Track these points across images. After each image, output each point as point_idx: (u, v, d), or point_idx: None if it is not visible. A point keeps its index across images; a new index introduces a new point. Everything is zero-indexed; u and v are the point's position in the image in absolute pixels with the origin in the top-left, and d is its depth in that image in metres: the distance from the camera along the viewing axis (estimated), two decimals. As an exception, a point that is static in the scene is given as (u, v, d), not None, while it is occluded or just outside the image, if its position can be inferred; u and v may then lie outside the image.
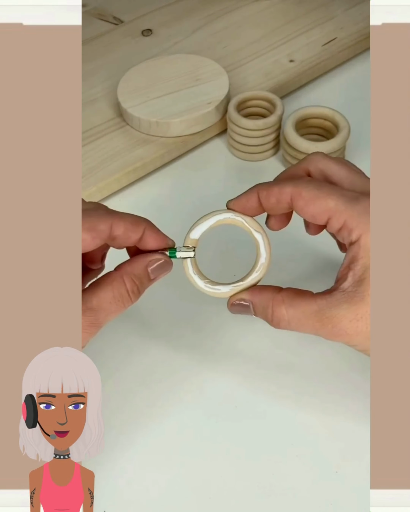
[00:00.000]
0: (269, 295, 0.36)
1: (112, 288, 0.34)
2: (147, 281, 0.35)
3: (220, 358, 0.44)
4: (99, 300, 0.34)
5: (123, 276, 0.34)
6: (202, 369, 0.44)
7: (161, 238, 0.36)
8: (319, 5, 0.69)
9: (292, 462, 0.39)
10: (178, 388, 0.43)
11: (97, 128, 0.58)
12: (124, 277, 0.34)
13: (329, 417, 0.41)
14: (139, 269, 0.35)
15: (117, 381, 0.42)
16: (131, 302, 0.35)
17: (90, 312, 0.33)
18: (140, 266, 0.35)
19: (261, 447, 0.40)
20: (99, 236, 0.33)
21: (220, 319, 0.46)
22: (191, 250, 0.37)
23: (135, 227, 0.34)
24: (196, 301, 0.47)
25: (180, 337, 0.45)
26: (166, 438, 0.41)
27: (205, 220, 0.38)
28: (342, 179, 0.36)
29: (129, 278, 0.34)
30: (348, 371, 0.43)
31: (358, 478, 0.38)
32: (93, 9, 0.72)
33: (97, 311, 0.33)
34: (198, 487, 0.39)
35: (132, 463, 0.40)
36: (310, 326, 0.34)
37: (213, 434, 0.41)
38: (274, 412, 0.41)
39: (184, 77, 0.59)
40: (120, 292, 0.34)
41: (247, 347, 0.44)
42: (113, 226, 0.34)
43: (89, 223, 0.33)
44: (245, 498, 0.38)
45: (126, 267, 0.35)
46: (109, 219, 0.33)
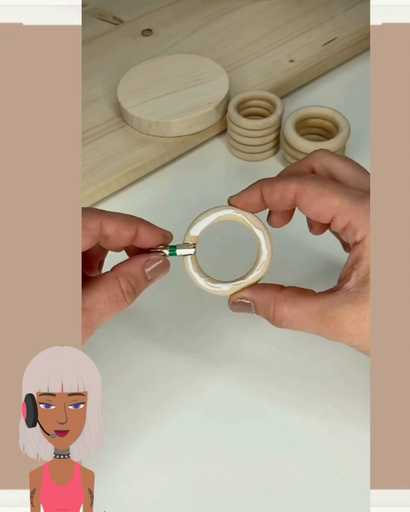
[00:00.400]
0: (271, 293, 0.35)
1: (107, 289, 0.33)
2: (144, 282, 0.34)
3: (220, 359, 0.44)
4: (92, 301, 0.33)
5: (119, 276, 0.33)
6: (203, 370, 0.44)
7: (157, 232, 0.35)
8: (319, 5, 0.69)
9: (292, 462, 0.39)
10: (178, 388, 0.43)
11: (97, 128, 0.58)
12: (120, 278, 0.33)
13: (329, 418, 0.41)
14: (135, 269, 0.34)
15: (118, 382, 0.42)
16: (127, 304, 0.34)
17: (84, 313, 0.32)
18: (137, 266, 0.34)
19: (261, 447, 0.40)
20: (89, 234, 0.32)
21: (221, 321, 0.46)
22: (191, 247, 0.37)
23: (127, 225, 0.34)
24: (197, 303, 0.47)
25: (181, 338, 0.45)
26: (166, 438, 0.41)
27: (205, 217, 0.37)
28: (347, 177, 0.35)
29: (125, 279, 0.33)
30: (348, 372, 0.43)
31: (358, 478, 0.38)
32: (93, 9, 0.72)
33: (90, 312, 0.33)
34: (198, 487, 0.39)
35: (132, 463, 0.40)
36: (312, 326, 0.34)
37: (213, 434, 0.41)
38: (274, 412, 0.41)
39: (184, 77, 0.59)
40: (115, 293, 0.33)
41: (247, 348, 0.44)
42: (104, 224, 0.33)
43: None
44: (245, 498, 0.38)
45: (122, 268, 0.34)
46: (99, 217, 0.33)
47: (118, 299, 0.33)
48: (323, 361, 0.43)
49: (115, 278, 0.33)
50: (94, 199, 0.54)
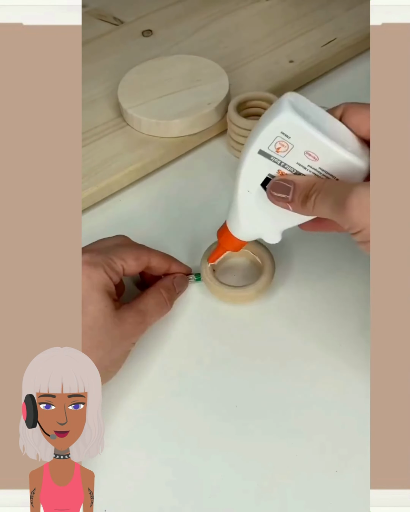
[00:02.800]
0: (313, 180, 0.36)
1: (154, 296, 0.43)
2: (174, 293, 0.45)
3: (221, 358, 0.44)
4: (146, 305, 0.42)
5: (160, 288, 0.44)
6: (204, 370, 0.44)
7: (184, 267, 0.47)
8: (318, 6, 0.69)
9: (292, 462, 0.39)
10: (178, 388, 0.43)
11: (98, 129, 0.58)
12: (161, 289, 0.44)
13: (329, 417, 0.41)
14: (169, 283, 0.45)
15: (115, 380, 0.42)
16: (167, 308, 0.44)
17: (141, 312, 0.41)
18: (169, 281, 0.45)
19: (261, 447, 0.40)
20: (141, 264, 0.43)
21: (221, 322, 0.46)
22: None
23: (165, 261, 0.45)
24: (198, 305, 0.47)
25: (182, 340, 0.45)
26: (166, 438, 0.41)
27: None
28: None
29: (164, 289, 0.44)
30: (348, 371, 0.43)
31: (358, 478, 0.38)
32: (94, 9, 0.72)
33: (145, 312, 0.42)
34: (198, 487, 0.39)
35: (132, 463, 0.40)
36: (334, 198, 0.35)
37: (213, 434, 0.41)
38: (274, 411, 0.41)
39: (184, 78, 0.59)
40: (159, 300, 0.43)
41: (247, 349, 0.45)
42: (151, 258, 0.44)
43: (136, 254, 0.43)
44: (245, 498, 0.38)
45: (160, 283, 0.45)
46: (148, 253, 0.44)
47: (162, 303, 0.44)
48: (323, 360, 0.43)
49: (157, 289, 0.44)
50: (95, 199, 0.54)
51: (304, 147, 0.35)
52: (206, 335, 0.46)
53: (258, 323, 0.46)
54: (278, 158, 0.36)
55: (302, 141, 0.35)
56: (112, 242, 0.44)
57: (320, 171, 0.36)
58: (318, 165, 0.36)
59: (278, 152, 0.36)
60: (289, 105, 0.35)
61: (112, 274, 0.40)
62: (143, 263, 0.44)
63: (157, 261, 0.45)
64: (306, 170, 0.36)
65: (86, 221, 0.52)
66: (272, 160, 0.37)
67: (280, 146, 0.36)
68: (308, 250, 0.49)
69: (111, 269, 0.41)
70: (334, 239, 0.49)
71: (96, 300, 0.39)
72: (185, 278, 0.47)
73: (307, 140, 0.35)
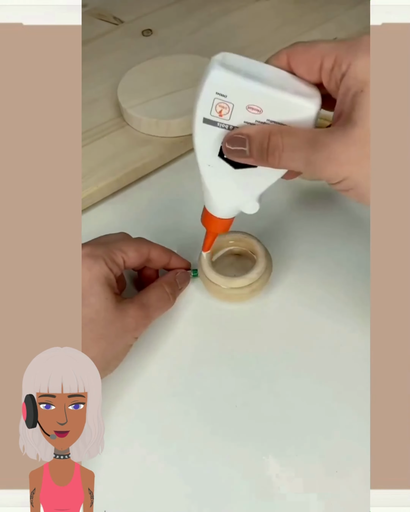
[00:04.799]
0: (268, 127, 0.34)
1: (156, 291, 0.44)
2: (177, 288, 0.46)
3: (221, 359, 0.44)
4: (149, 299, 0.42)
5: (162, 283, 0.45)
6: (203, 370, 0.44)
7: (184, 261, 0.48)
8: (319, 6, 0.69)
9: (292, 462, 0.39)
10: (178, 388, 0.43)
11: (98, 128, 0.58)
12: (163, 284, 0.44)
13: (329, 417, 0.41)
14: (171, 279, 0.45)
15: (115, 380, 0.42)
16: (170, 303, 0.45)
17: (144, 307, 0.42)
18: (172, 276, 0.46)
19: (261, 447, 0.40)
20: (142, 256, 0.44)
21: (222, 323, 0.46)
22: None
23: (165, 253, 0.46)
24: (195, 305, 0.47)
25: (181, 339, 0.46)
26: (166, 438, 0.41)
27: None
28: None
29: (167, 284, 0.45)
30: (347, 371, 0.43)
31: (358, 478, 0.38)
32: (93, 9, 0.72)
33: (148, 307, 0.42)
34: (198, 488, 0.39)
35: (132, 463, 0.40)
36: (303, 153, 0.33)
37: (213, 434, 0.41)
38: (273, 411, 0.41)
39: (184, 77, 0.59)
40: (162, 294, 0.44)
41: (247, 348, 0.45)
42: (151, 250, 0.45)
43: (136, 246, 0.43)
44: (245, 498, 0.38)
45: (163, 278, 0.45)
46: (148, 245, 0.45)
47: (165, 298, 0.44)
48: (323, 360, 0.43)
49: (160, 284, 0.44)
50: (95, 199, 0.54)
51: (244, 102, 0.33)
52: (205, 335, 0.46)
53: (256, 322, 0.46)
54: (224, 122, 0.35)
55: (239, 96, 0.33)
56: (112, 238, 0.44)
57: (269, 123, 0.34)
58: (265, 117, 0.34)
59: (221, 116, 0.34)
60: (216, 63, 0.33)
61: (113, 266, 0.41)
62: (143, 255, 0.44)
63: (157, 254, 0.45)
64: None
65: (86, 221, 0.52)
66: (219, 127, 0.35)
67: (220, 109, 0.34)
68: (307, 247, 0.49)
69: (112, 261, 0.41)
70: (333, 236, 0.49)
71: (97, 292, 0.39)
72: (187, 274, 0.47)
73: (243, 93, 0.33)
